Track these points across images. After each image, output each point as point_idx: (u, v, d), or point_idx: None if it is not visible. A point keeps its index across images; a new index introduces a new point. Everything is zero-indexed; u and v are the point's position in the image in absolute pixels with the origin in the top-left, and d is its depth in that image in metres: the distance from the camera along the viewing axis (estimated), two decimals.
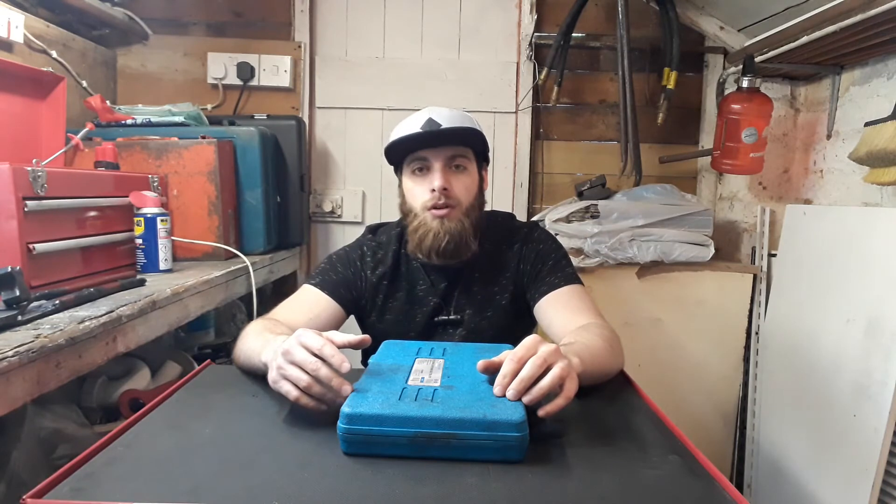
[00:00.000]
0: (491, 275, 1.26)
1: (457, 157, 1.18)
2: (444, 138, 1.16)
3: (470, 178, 1.20)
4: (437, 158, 1.16)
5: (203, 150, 1.69)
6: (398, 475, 0.68)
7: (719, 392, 2.12)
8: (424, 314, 1.25)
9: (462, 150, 1.19)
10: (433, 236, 1.16)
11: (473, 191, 1.21)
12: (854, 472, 1.52)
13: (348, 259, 1.27)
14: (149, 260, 1.49)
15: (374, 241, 1.30)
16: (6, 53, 1.66)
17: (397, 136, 1.19)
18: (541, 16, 2.33)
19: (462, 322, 1.24)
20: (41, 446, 1.26)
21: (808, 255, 1.88)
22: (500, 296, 1.25)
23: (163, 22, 2.30)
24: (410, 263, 1.27)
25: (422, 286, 1.26)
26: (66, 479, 0.66)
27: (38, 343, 0.89)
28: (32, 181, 1.14)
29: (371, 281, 1.25)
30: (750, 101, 1.91)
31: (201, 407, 0.89)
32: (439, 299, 1.25)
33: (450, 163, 1.17)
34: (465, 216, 1.18)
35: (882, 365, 1.49)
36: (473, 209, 1.20)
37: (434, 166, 1.16)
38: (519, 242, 1.28)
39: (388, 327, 1.26)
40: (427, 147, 1.16)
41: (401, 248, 1.28)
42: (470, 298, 1.25)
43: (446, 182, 1.15)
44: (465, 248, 1.19)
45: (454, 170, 1.18)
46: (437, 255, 1.18)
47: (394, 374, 0.84)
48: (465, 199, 1.18)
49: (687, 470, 0.72)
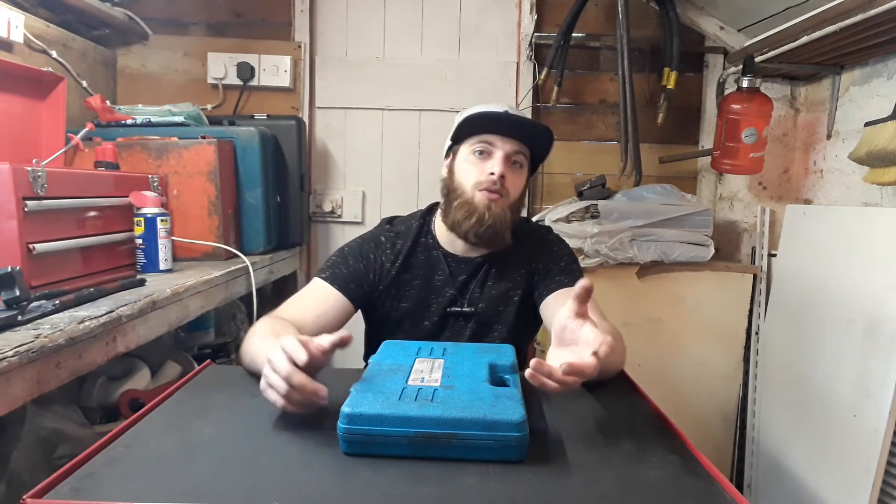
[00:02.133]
0: (506, 272, 1.28)
1: (519, 152, 1.21)
2: (521, 128, 1.20)
3: (521, 177, 1.24)
4: (503, 147, 1.19)
5: (203, 150, 1.69)
6: (398, 475, 0.68)
7: (719, 392, 2.11)
8: (440, 304, 1.26)
9: (525, 148, 1.22)
10: (478, 215, 1.18)
11: (521, 190, 1.24)
12: (854, 472, 1.52)
13: (360, 251, 1.27)
14: (149, 260, 1.49)
15: (391, 232, 1.30)
16: (6, 53, 1.66)
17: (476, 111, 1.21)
18: (541, 16, 2.33)
19: (474, 315, 1.26)
20: (41, 446, 1.26)
21: (808, 255, 1.88)
22: (514, 293, 1.27)
23: (163, 22, 2.30)
24: (431, 253, 1.28)
25: (440, 276, 1.27)
26: (66, 479, 0.66)
27: (38, 343, 0.89)
28: (32, 181, 1.14)
29: (389, 271, 1.26)
30: (750, 101, 1.91)
31: (201, 407, 0.89)
32: (456, 290, 1.26)
33: (512, 155, 1.20)
34: (509, 208, 1.21)
35: (882, 365, 1.49)
36: (516, 206, 1.23)
37: (496, 154, 1.19)
38: (532, 243, 1.30)
39: (402, 315, 1.27)
40: (499, 133, 1.19)
41: (421, 237, 1.29)
42: (484, 293, 1.27)
43: (505, 170, 1.18)
44: (500, 239, 1.22)
45: (512, 165, 1.21)
46: (475, 235, 1.19)
47: (394, 374, 0.84)
48: (513, 194, 1.21)
49: (687, 470, 0.72)
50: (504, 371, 0.89)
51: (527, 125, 1.22)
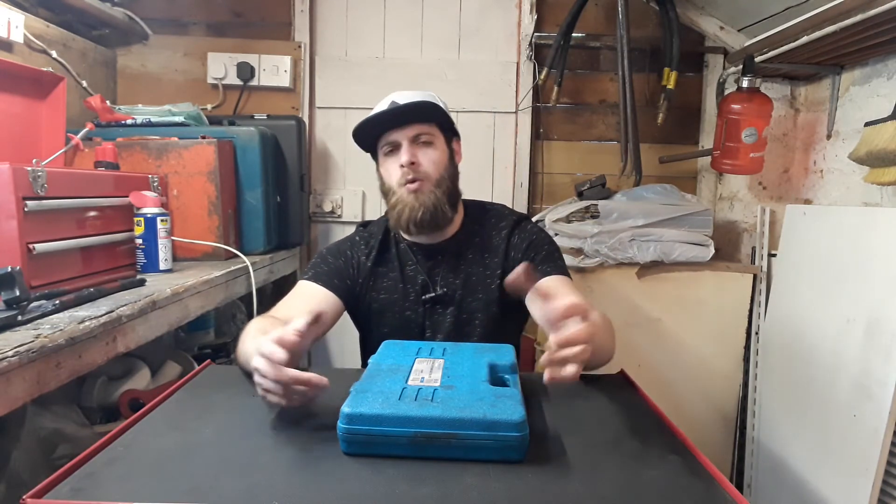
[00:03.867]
0: (480, 257, 1.30)
1: (422, 133, 1.24)
2: (405, 116, 1.23)
3: (437, 151, 1.26)
4: (403, 137, 1.23)
5: (203, 150, 1.69)
6: (398, 475, 0.68)
7: (719, 392, 2.11)
8: (416, 293, 1.29)
9: (426, 127, 1.25)
10: (409, 210, 1.22)
11: (443, 163, 1.26)
12: (854, 472, 1.52)
13: (338, 250, 1.33)
14: (149, 260, 1.49)
15: (365, 232, 1.37)
16: (6, 53, 1.66)
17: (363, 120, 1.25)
18: (541, 16, 2.33)
19: (452, 300, 1.28)
20: (41, 446, 1.26)
21: (808, 255, 1.88)
22: (491, 279, 1.29)
23: (163, 22, 2.30)
24: (399, 246, 1.33)
25: (411, 266, 1.31)
26: (66, 479, 0.66)
27: (38, 343, 0.89)
28: (32, 181, 1.14)
29: (365, 264, 1.31)
30: (750, 101, 1.91)
31: (201, 407, 0.89)
32: (425, 276, 1.29)
33: (416, 139, 1.23)
34: (436, 187, 1.24)
35: (882, 365, 1.49)
36: (444, 180, 1.26)
37: (401, 144, 1.23)
38: (508, 229, 1.32)
39: (383, 306, 1.30)
40: (391, 128, 1.23)
41: (389, 232, 1.33)
42: (458, 276, 1.29)
43: (413, 157, 1.22)
44: (443, 218, 1.25)
45: (422, 145, 1.24)
46: (415, 226, 1.23)
47: (394, 374, 0.84)
48: (434, 172, 1.24)
49: (687, 470, 0.72)
50: (504, 371, 0.89)
51: (408, 108, 1.23)
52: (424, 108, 1.23)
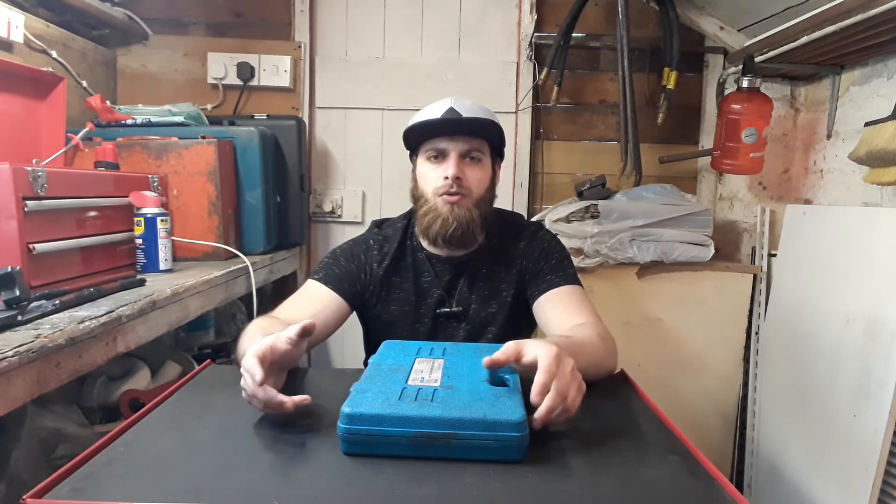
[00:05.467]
0: (496, 270, 1.27)
1: (473, 149, 1.19)
2: (462, 128, 1.18)
3: (483, 170, 1.22)
4: (454, 148, 1.18)
5: (203, 150, 1.69)
6: (398, 475, 0.68)
7: (719, 392, 2.11)
8: (429, 306, 1.26)
9: (479, 142, 1.20)
10: (442, 221, 1.18)
11: (485, 184, 1.22)
12: (854, 472, 1.52)
13: (352, 253, 1.28)
14: (149, 260, 1.49)
15: (380, 235, 1.31)
16: (6, 53, 1.66)
17: (418, 120, 1.20)
18: (541, 16, 2.32)
19: (466, 316, 1.25)
20: (41, 446, 1.26)
21: (808, 255, 1.88)
22: (506, 292, 1.26)
23: (163, 22, 2.30)
24: (416, 255, 1.28)
25: (426, 277, 1.27)
26: (66, 479, 0.66)
27: (38, 343, 0.89)
28: (32, 181, 1.14)
29: (377, 272, 1.26)
30: (750, 101, 1.91)
31: (201, 407, 0.89)
32: (442, 291, 1.26)
33: (466, 154, 1.19)
34: (475, 206, 1.20)
35: (882, 365, 1.49)
36: (484, 202, 1.22)
37: (450, 155, 1.18)
38: (525, 240, 1.29)
39: (394, 318, 1.26)
40: (445, 135, 1.18)
41: (406, 239, 1.29)
42: (474, 292, 1.26)
43: (460, 171, 1.17)
44: (471, 238, 1.22)
45: (469, 161, 1.20)
46: (443, 240, 1.19)
47: (394, 374, 0.84)
48: (476, 191, 1.20)
49: (687, 470, 0.72)
50: (504, 371, 0.89)
51: (471, 122, 1.19)
52: (483, 124, 1.19)
